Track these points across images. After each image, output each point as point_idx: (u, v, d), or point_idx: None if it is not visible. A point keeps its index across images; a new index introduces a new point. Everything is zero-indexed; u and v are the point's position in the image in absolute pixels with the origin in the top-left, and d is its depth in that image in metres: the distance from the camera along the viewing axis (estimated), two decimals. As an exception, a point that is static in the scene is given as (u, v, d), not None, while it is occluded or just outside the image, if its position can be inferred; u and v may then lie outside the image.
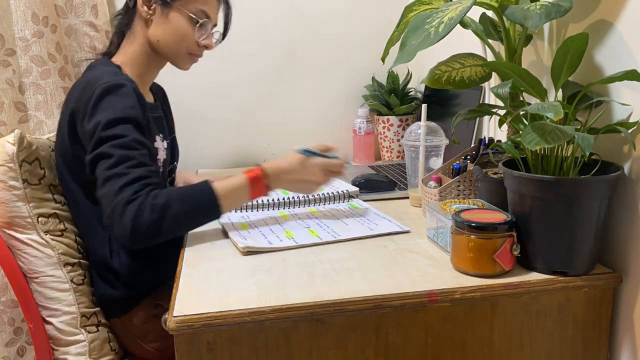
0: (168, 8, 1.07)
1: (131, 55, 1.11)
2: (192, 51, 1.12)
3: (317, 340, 0.72)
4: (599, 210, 0.73)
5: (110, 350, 1.08)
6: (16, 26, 1.30)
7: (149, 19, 1.08)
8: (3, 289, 1.20)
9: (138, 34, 1.11)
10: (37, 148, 1.03)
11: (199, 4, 1.08)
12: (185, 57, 1.12)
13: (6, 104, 1.28)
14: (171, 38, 1.09)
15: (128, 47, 1.12)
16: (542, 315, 0.77)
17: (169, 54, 1.11)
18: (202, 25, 1.09)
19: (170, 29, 1.08)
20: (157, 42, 1.09)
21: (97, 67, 1.07)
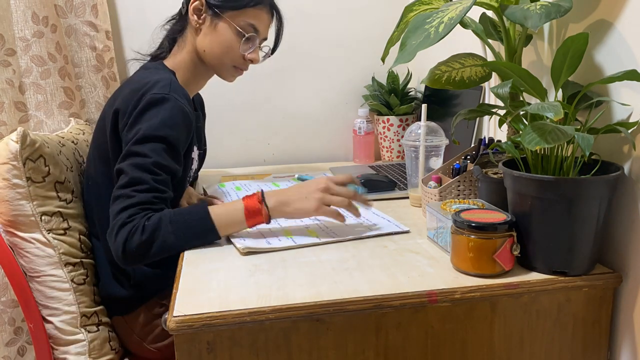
0: (217, 19, 1.09)
1: (180, 62, 1.13)
2: (237, 64, 1.13)
3: (317, 340, 0.72)
4: (599, 210, 0.73)
5: (110, 350, 1.08)
6: (16, 26, 1.30)
7: (199, 28, 1.10)
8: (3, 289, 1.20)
9: (188, 42, 1.12)
10: (42, 145, 1.02)
11: (249, 18, 1.10)
12: (229, 69, 1.14)
13: (6, 103, 1.28)
14: (217, 49, 1.10)
15: (178, 53, 1.13)
16: (542, 315, 0.77)
17: (214, 64, 1.12)
18: (248, 39, 1.10)
19: (217, 40, 1.09)
20: (203, 52, 1.11)
21: (152, 71, 1.08)
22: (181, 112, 0.99)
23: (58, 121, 1.37)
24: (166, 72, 1.07)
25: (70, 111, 1.39)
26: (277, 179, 1.40)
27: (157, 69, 1.09)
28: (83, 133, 1.27)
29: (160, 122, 0.96)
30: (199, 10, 1.09)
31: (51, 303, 1.02)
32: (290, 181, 1.37)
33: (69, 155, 1.12)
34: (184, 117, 0.99)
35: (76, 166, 1.15)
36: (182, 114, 0.99)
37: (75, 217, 1.09)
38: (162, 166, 0.95)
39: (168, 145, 0.96)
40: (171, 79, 1.03)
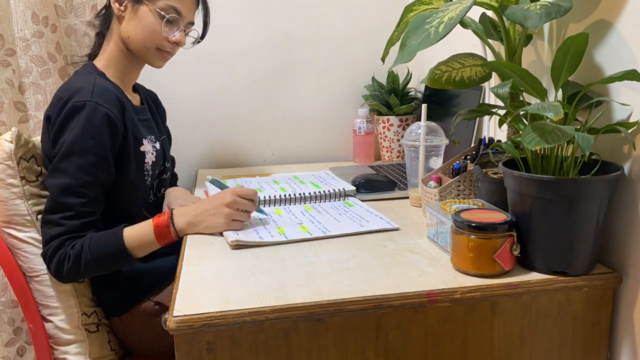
0: (138, 4, 1.08)
1: (109, 56, 1.12)
2: (161, 47, 1.11)
3: (317, 340, 0.72)
4: (599, 210, 0.73)
5: (110, 350, 1.08)
6: (16, 26, 1.30)
7: (121, 15, 1.09)
8: (3, 289, 1.20)
9: (114, 33, 1.12)
10: (34, 146, 1.04)
11: (170, 0, 1.08)
12: (154, 54, 1.12)
13: (6, 103, 1.28)
14: (140, 33, 1.09)
15: (106, 47, 1.13)
16: (542, 315, 0.77)
17: (138, 50, 1.11)
18: (170, 21, 1.09)
19: (138, 24, 1.08)
20: (127, 39, 1.10)
21: (79, 75, 1.08)
22: (103, 117, 0.99)
23: (58, 121, 1.37)
24: (92, 76, 1.06)
25: (70, 111, 1.39)
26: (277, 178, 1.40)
27: (85, 74, 1.08)
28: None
29: (83, 133, 0.97)
30: None
31: (51, 302, 1.02)
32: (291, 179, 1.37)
33: None
34: (109, 122, 0.99)
35: None
36: (105, 118, 0.99)
37: None
38: (89, 185, 0.97)
39: (94, 156, 0.98)
40: (94, 83, 1.02)
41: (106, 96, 1.01)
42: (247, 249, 0.90)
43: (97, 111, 0.98)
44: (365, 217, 1.04)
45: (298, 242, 0.93)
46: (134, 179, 1.09)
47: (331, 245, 0.91)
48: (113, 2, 1.09)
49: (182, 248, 0.93)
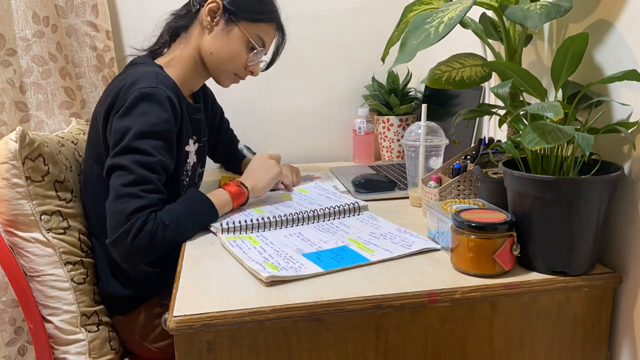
0: (231, 25, 1.09)
1: (180, 59, 1.12)
2: (238, 72, 1.14)
3: (317, 340, 0.72)
4: (599, 210, 0.73)
5: (110, 350, 1.08)
6: (17, 26, 1.30)
7: (210, 29, 1.09)
8: (4, 289, 1.20)
9: (192, 40, 1.11)
10: (41, 144, 1.02)
11: (260, 31, 1.11)
12: (229, 76, 1.15)
13: (7, 103, 1.28)
14: (225, 54, 1.10)
15: (179, 49, 1.12)
16: (542, 315, 0.77)
17: (216, 68, 1.12)
18: (257, 52, 1.12)
19: (227, 45, 1.10)
20: (209, 54, 1.10)
21: (139, 65, 1.07)
22: (170, 104, 0.99)
23: (59, 121, 1.37)
24: (152, 66, 1.06)
25: (71, 111, 1.39)
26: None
27: (143, 64, 1.08)
28: (84, 133, 1.28)
29: (157, 117, 0.96)
30: (214, 12, 1.09)
31: (51, 302, 1.02)
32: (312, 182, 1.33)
33: (68, 155, 1.12)
34: (173, 110, 1.00)
35: (76, 166, 1.15)
36: (171, 106, 0.99)
37: (74, 216, 1.08)
38: (164, 165, 0.97)
39: (166, 141, 0.98)
40: (157, 72, 1.03)
41: (169, 84, 1.02)
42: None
43: (164, 98, 0.98)
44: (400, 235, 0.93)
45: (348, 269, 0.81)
46: (176, 176, 1.08)
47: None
48: (205, 14, 1.08)
49: (182, 248, 0.93)
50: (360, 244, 0.90)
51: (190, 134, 1.13)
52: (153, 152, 0.95)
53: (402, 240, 0.91)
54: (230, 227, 0.97)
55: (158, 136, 0.96)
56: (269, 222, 1.00)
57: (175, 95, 1.03)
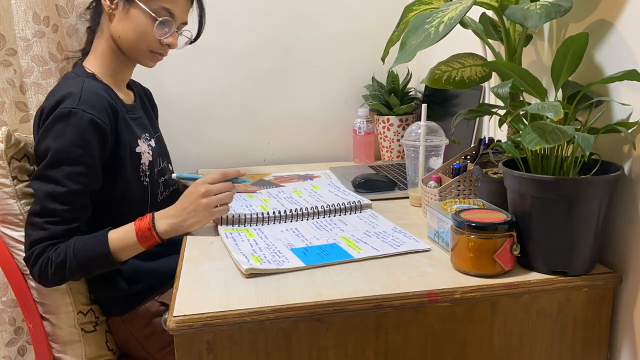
0: (129, 4, 1.06)
1: (100, 54, 1.11)
2: (153, 49, 1.10)
3: (317, 340, 0.72)
4: (599, 210, 0.73)
5: (107, 350, 1.08)
6: (17, 26, 1.30)
7: (112, 14, 1.08)
8: (3, 289, 1.20)
9: (104, 30, 1.10)
10: (26, 145, 1.02)
11: (163, 2, 1.06)
12: (146, 54, 1.11)
13: (7, 103, 1.28)
14: (131, 34, 1.07)
15: (97, 44, 1.11)
16: (542, 315, 0.77)
17: (130, 50, 1.10)
18: (162, 22, 1.07)
19: (130, 25, 1.07)
20: (118, 38, 1.08)
21: (68, 80, 1.06)
22: (91, 124, 0.97)
23: (58, 121, 1.37)
24: (81, 79, 1.04)
25: (70, 111, 1.39)
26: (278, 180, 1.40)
27: (74, 77, 1.06)
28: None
29: (70, 143, 0.95)
30: None
31: (47, 300, 1.02)
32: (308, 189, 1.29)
33: None
34: (95, 129, 0.98)
35: None
36: (92, 126, 0.97)
37: None
38: (76, 193, 0.96)
39: (82, 164, 0.96)
40: (82, 88, 1.00)
41: (94, 102, 0.99)
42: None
43: (83, 119, 0.96)
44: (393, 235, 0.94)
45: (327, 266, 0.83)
46: (131, 182, 1.07)
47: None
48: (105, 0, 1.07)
49: (182, 248, 0.93)
50: (351, 241, 0.91)
51: (138, 134, 1.11)
52: (63, 182, 0.95)
53: (393, 239, 0.91)
54: (230, 219, 1.00)
55: (72, 162, 0.96)
56: (267, 217, 1.03)
57: (104, 108, 1.00)
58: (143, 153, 1.11)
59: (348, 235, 0.94)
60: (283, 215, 1.03)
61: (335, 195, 1.19)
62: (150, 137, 1.16)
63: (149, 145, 1.14)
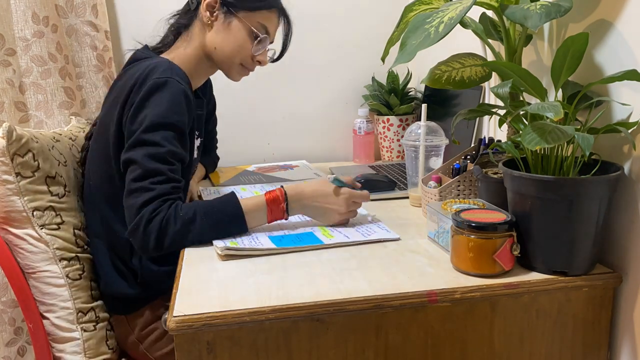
0: (231, 17, 1.08)
1: (183, 57, 1.11)
2: (245, 64, 1.13)
3: (317, 340, 0.72)
4: (599, 210, 0.73)
5: (107, 349, 1.08)
6: (16, 26, 1.30)
7: (210, 24, 1.09)
8: (4, 289, 1.20)
9: (195, 37, 1.11)
10: (29, 140, 1.01)
11: (262, 19, 1.10)
12: (237, 69, 1.14)
13: (6, 103, 1.28)
14: (228, 47, 1.09)
15: (182, 48, 1.12)
16: (542, 315, 0.77)
17: (223, 62, 1.12)
18: (261, 40, 1.10)
19: (229, 38, 1.09)
20: (213, 49, 1.10)
21: (146, 59, 1.06)
22: (184, 95, 0.98)
23: (58, 121, 1.37)
24: (163, 59, 1.05)
25: (70, 111, 1.39)
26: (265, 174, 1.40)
27: (150, 58, 1.07)
28: (83, 131, 1.27)
29: (168, 108, 0.95)
30: (212, 6, 1.09)
31: (47, 299, 1.02)
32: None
33: (63, 150, 1.11)
34: (187, 101, 0.99)
35: (71, 160, 1.13)
36: (185, 97, 0.98)
37: (68, 211, 1.07)
38: (175, 154, 0.95)
39: (178, 132, 0.96)
40: (169, 62, 1.02)
41: (183, 75, 1.01)
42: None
43: (178, 88, 0.97)
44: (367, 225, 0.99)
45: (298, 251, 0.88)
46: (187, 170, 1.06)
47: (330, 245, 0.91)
48: (204, 10, 1.08)
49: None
50: (326, 230, 0.97)
51: (195, 129, 1.12)
52: (163, 143, 0.94)
53: (366, 229, 0.97)
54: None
55: (169, 127, 0.95)
56: None
57: (188, 87, 1.02)
58: (195, 148, 1.12)
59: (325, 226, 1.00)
60: None
61: None
62: (198, 137, 1.17)
63: (198, 143, 1.15)
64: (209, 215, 0.91)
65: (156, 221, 0.89)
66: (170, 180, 0.93)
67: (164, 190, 0.91)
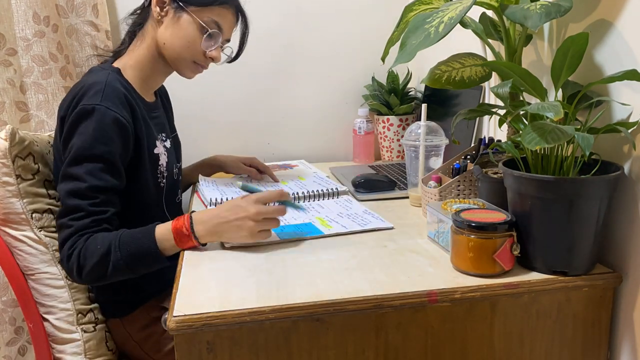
0: (181, 12, 1.06)
1: (137, 57, 1.10)
2: (197, 60, 1.11)
3: (317, 340, 0.72)
4: (599, 210, 0.73)
5: (107, 350, 1.08)
6: (17, 26, 1.30)
7: (160, 20, 1.07)
8: (4, 289, 1.20)
9: (147, 35, 1.10)
10: (31, 143, 1.02)
11: (214, 15, 1.07)
12: (189, 65, 1.11)
13: (7, 103, 1.28)
14: (178, 43, 1.07)
15: (136, 47, 1.11)
16: (542, 315, 0.77)
17: (173, 58, 1.10)
18: (211, 35, 1.08)
19: (178, 33, 1.07)
20: (163, 45, 1.08)
21: (93, 74, 1.05)
22: (113, 122, 0.96)
23: (58, 121, 1.37)
24: (105, 73, 1.03)
25: (70, 111, 1.39)
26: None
27: (98, 71, 1.05)
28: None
29: (93, 139, 0.94)
30: (162, 2, 1.07)
31: (47, 301, 1.02)
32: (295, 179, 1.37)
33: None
34: (119, 127, 0.97)
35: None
36: (115, 124, 0.96)
37: None
38: (99, 189, 0.94)
39: (105, 162, 0.95)
40: (105, 82, 0.99)
41: (115, 98, 0.98)
42: (247, 248, 0.90)
43: (106, 115, 0.95)
44: (363, 216, 1.04)
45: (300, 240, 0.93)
46: (149, 184, 1.07)
47: (331, 245, 0.91)
48: (154, 5, 1.07)
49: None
50: (324, 221, 1.02)
51: (156, 135, 1.11)
52: (85, 177, 0.93)
53: (362, 220, 1.02)
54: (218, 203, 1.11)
55: (94, 159, 0.94)
56: None
57: (124, 106, 1.00)
58: (160, 154, 1.11)
59: (323, 216, 1.05)
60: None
61: (318, 184, 1.28)
62: (166, 138, 1.16)
63: (165, 147, 1.14)
64: (123, 248, 0.90)
65: (74, 256, 0.91)
66: (90, 215, 0.93)
67: (81, 226, 0.92)
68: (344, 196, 1.21)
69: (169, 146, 1.16)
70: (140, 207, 1.06)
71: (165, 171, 1.12)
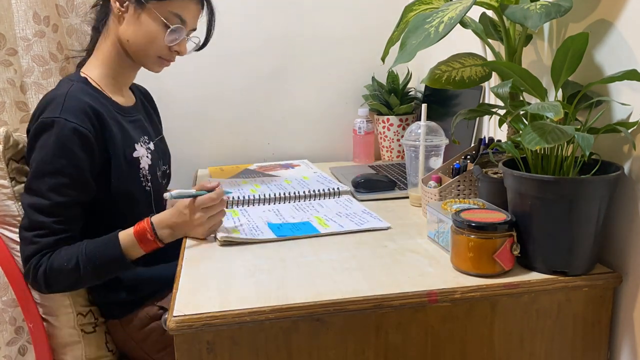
0: (141, 8, 1.03)
1: (104, 54, 1.09)
2: (162, 55, 1.08)
3: (317, 340, 0.72)
4: (599, 210, 0.73)
5: (107, 351, 1.08)
6: (18, 26, 1.30)
7: (121, 16, 1.05)
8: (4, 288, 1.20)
9: (110, 32, 1.08)
10: (25, 146, 1.02)
11: (175, 8, 1.04)
12: (155, 61, 1.09)
13: (7, 103, 1.28)
14: (141, 39, 1.05)
15: (102, 44, 1.09)
16: (542, 315, 0.77)
17: (137, 55, 1.08)
18: (174, 30, 1.05)
19: (140, 30, 1.04)
20: (127, 42, 1.06)
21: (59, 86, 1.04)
22: (74, 133, 0.94)
23: (59, 121, 1.37)
24: (67, 86, 1.01)
25: (70, 111, 1.39)
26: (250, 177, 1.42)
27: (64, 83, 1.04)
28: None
29: (53, 153, 0.93)
30: None
31: (46, 302, 1.02)
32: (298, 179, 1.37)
33: None
34: (80, 138, 0.95)
35: None
36: (75, 135, 0.94)
37: None
38: (63, 205, 0.95)
39: (67, 177, 0.94)
40: (66, 95, 0.97)
41: (76, 110, 0.96)
42: (247, 248, 0.90)
43: (65, 128, 0.93)
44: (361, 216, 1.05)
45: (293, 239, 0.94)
46: (132, 188, 1.05)
47: (331, 245, 0.91)
48: (114, 2, 1.05)
49: (182, 248, 0.93)
50: (322, 220, 1.03)
51: (135, 138, 1.09)
52: (47, 195, 0.93)
53: (360, 219, 1.02)
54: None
55: (55, 174, 0.93)
56: (253, 199, 1.17)
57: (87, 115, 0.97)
58: (142, 157, 1.09)
59: (321, 216, 1.06)
60: (267, 198, 1.17)
61: (320, 184, 1.29)
62: (149, 140, 1.14)
63: (148, 149, 1.12)
64: (90, 261, 0.94)
65: (40, 272, 0.94)
66: (55, 233, 0.94)
67: (45, 244, 0.94)
68: (344, 196, 1.21)
69: (153, 149, 1.14)
70: (130, 212, 1.04)
71: (148, 174, 1.10)
